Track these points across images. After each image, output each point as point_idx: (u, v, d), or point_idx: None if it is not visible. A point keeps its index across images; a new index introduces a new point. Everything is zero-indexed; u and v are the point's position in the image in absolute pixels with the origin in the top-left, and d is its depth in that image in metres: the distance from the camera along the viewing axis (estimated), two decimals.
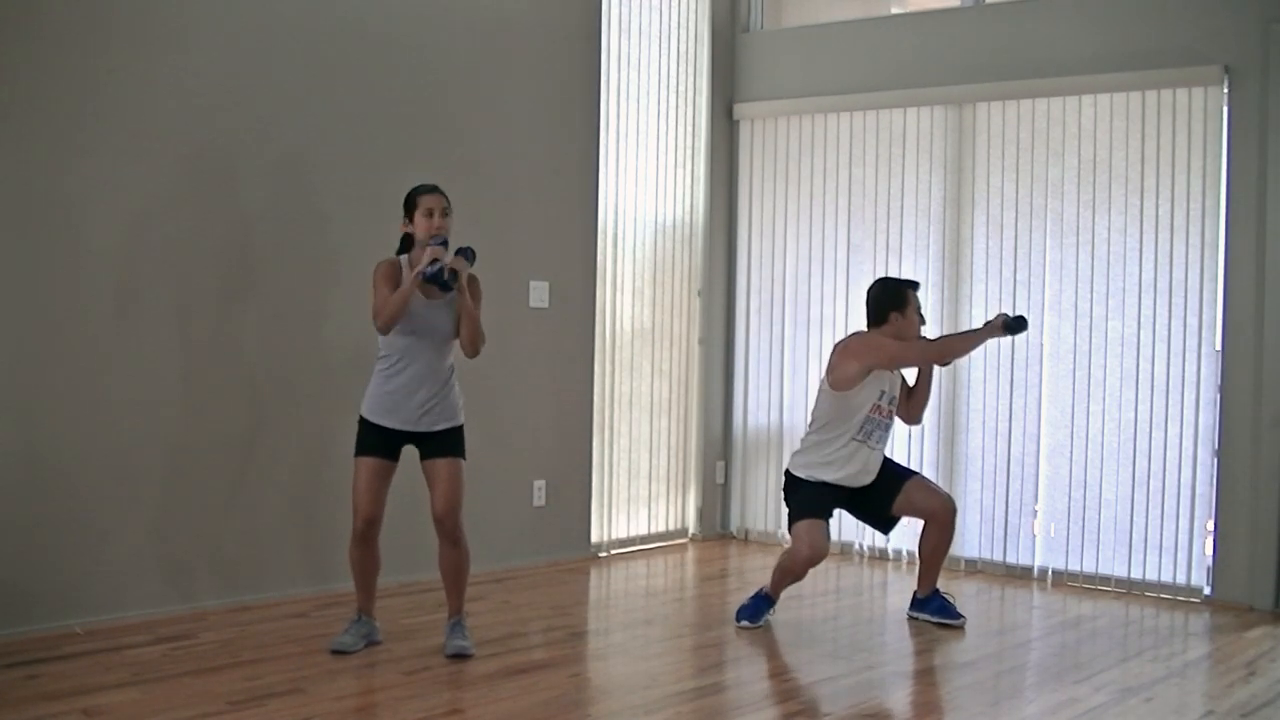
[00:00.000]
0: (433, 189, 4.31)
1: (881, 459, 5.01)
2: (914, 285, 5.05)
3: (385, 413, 4.28)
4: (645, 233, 6.69)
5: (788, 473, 5.03)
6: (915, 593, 5.21)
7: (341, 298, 5.15)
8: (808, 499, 4.89)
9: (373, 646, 4.42)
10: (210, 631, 4.56)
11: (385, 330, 4.21)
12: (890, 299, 4.99)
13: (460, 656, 4.32)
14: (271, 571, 5.06)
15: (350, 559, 4.40)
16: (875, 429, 4.92)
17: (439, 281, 4.15)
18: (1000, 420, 6.22)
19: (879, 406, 4.91)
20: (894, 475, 5.06)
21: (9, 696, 3.72)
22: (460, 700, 3.92)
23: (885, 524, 5.19)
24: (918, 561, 5.19)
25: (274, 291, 5.05)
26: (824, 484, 4.89)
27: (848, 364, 4.89)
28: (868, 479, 4.97)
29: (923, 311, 5.05)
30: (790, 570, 4.91)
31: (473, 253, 4.28)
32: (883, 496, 5.04)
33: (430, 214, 4.26)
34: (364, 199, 5.23)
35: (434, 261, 4.16)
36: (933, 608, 5.12)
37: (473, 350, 4.32)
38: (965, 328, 6.27)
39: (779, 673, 4.53)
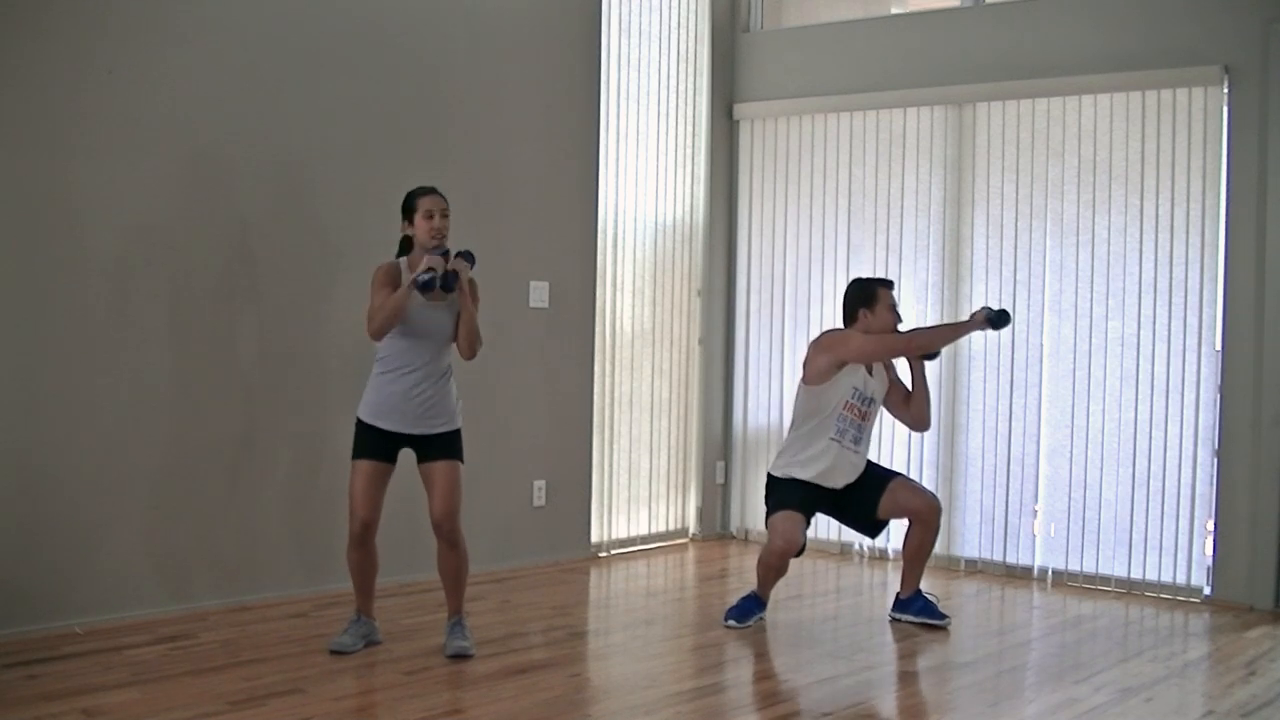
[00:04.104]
0: (431, 190, 4.30)
1: (862, 463, 5.03)
2: (887, 284, 5.08)
3: (384, 415, 4.28)
4: (645, 233, 6.68)
5: (767, 474, 5.11)
6: (898, 593, 5.18)
7: (340, 299, 5.14)
8: (782, 494, 4.98)
9: (372, 646, 4.42)
10: (210, 631, 4.56)
11: (377, 337, 4.22)
12: (859, 296, 5.04)
13: (460, 656, 4.32)
14: (271, 571, 5.06)
15: (348, 561, 4.40)
16: (849, 428, 4.95)
17: (432, 288, 4.14)
18: (1000, 420, 6.21)
19: (852, 405, 4.94)
20: (877, 477, 5.07)
21: (9, 696, 3.72)
22: (460, 700, 3.92)
23: (872, 528, 5.16)
24: (901, 561, 5.18)
25: (272, 293, 5.05)
26: (797, 481, 4.96)
27: (818, 358, 4.98)
28: (841, 480, 4.99)
29: (898, 309, 5.06)
30: (768, 564, 4.95)
31: (472, 256, 4.30)
32: (867, 499, 5.05)
33: (430, 216, 4.25)
34: (363, 200, 5.23)
35: (429, 270, 4.15)
36: (915, 608, 5.10)
37: (470, 353, 4.33)
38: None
39: (779, 673, 4.53)
